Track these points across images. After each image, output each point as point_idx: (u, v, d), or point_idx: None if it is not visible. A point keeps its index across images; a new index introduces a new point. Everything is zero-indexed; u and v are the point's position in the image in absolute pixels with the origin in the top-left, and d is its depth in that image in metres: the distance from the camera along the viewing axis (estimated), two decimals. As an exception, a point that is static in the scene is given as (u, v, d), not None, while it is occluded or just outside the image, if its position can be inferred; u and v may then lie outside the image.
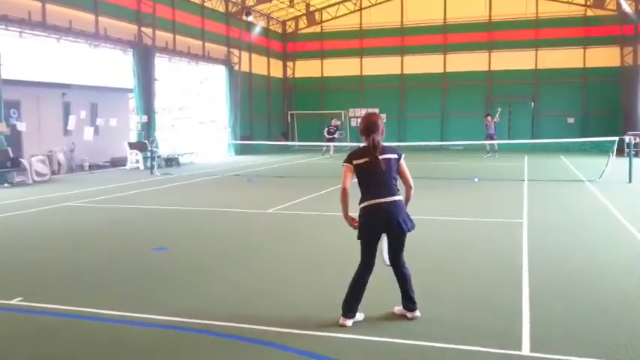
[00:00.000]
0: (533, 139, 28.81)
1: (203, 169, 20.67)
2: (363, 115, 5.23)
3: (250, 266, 7.07)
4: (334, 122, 27.21)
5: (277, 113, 34.49)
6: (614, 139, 16.65)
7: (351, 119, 33.58)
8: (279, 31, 34.59)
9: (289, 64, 35.27)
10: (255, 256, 7.60)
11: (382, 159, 4.90)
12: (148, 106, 22.45)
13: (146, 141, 21.77)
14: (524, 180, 15.94)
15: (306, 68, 34.83)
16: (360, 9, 33.44)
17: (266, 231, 9.43)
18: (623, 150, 18.44)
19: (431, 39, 32.07)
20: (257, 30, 31.13)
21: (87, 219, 10.61)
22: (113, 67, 22.38)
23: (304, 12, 33.65)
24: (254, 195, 14.01)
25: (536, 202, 11.91)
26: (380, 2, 32.97)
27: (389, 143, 5.19)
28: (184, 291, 6.03)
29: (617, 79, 29.32)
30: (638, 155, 21.44)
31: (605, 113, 29.52)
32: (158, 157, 20.60)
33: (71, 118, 19.11)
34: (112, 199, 13.05)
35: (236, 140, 27.82)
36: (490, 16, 31.22)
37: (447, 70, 32.15)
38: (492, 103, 31.17)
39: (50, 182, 16.71)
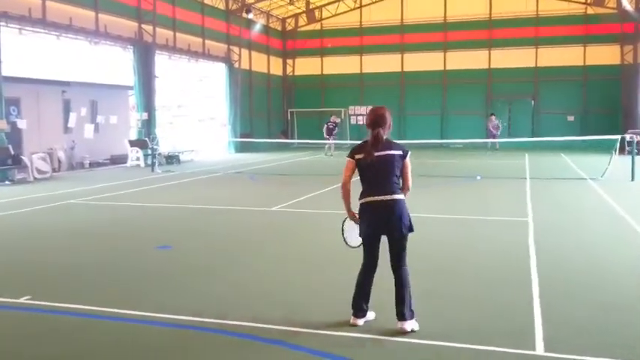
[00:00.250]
0: (534, 136, 28.82)
1: (204, 167, 20.62)
2: (370, 108, 4.88)
3: (259, 265, 7.04)
4: (334, 119, 27.04)
5: (277, 111, 34.43)
6: (617, 138, 16.66)
7: (351, 117, 33.59)
8: (279, 28, 34.50)
9: (289, 61, 35.21)
10: (263, 255, 7.56)
11: (382, 155, 4.67)
12: (148, 103, 22.39)
13: (146, 138, 21.72)
14: (526, 178, 15.92)
15: (305, 66, 34.76)
16: (360, 6, 33.36)
17: (273, 229, 9.39)
18: (623, 148, 18.48)
19: (431, 36, 32.02)
20: (257, 27, 31.05)
21: (90, 217, 10.56)
22: (113, 64, 22.30)
23: (304, 9, 33.57)
24: (257, 193, 13.98)
25: (540, 200, 11.89)
26: (380, -1, 32.96)
27: (394, 141, 4.94)
28: (192, 290, 5.99)
29: (618, 77, 29.31)
30: None
31: (605, 111, 29.54)
32: (159, 154, 20.53)
33: (72, 116, 19.02)
34: (115, 197, 12.99)
35: (236, 138, 27.75)
36: (490, 13, 31.17)
37: (447, 67, 32.10)
38: (492, 101, 31.24)
39: (51, 180, 16.66)
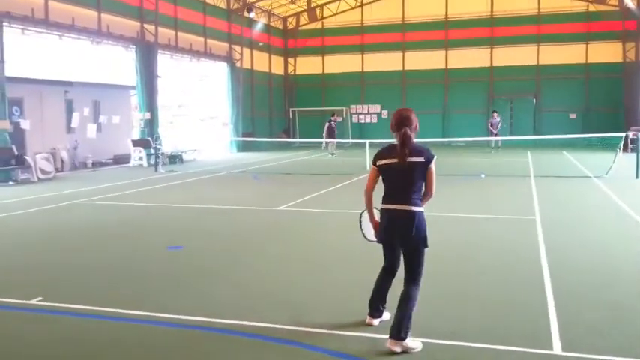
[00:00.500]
0: (535, 134, 28.79)
1: (207, 167, 20.60)
2: (396, 110, 4.65)
3: (270, 265, 7.02)
4: (336, 118, 26.93)
5: (279, 110, 34.41)
6: (621, 135, 16.64)
7: (353, 115, 33.56)
8: (280, 27, 34.47)
9: (290, 60, 35.18)
10: (273, 255, 7.54)
11: (400, 162, 4.43)
12: (150, 103, 22.37)
13: (149, 138, 21.70)
14: (530, 176, 15.92)
15: (307, 65, 34.73)
16: (361, 5, 33.33)
17: (280, 229, 9.37)
18: (626, 146, 18.46)
19: (432, 35, 31.99)
20: (258, 27, 31.02)
21: (96, 217, 10.54)
22: (116, 64, 22.29)
23: (305, 8, 33.53)
24: (262, 192, 13.95)
25: (546, 198, 11.88)
26: (381, -2, 32.91)
27: (395, 140, 4.64)
28: (204, 290, 5.98)
29: (620, 74, 29.29)
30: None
31: (607, 109, 29.51)
32: (162, 154, 20.52)
33: (74, 116, 19.00)
34: (119, 197, 12.98)
35: (238, 137, 27.73)
36: (492, 11, 31.14)
37: (448, 66, 32.07)
38: (494, 99, 31.21)
39: (55, 180, 16.63)
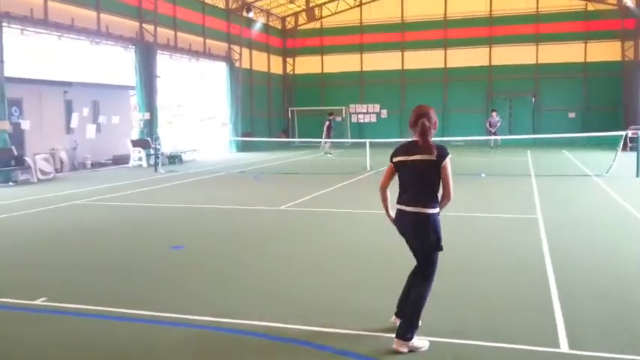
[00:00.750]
0: (534, 133, 28.81)
1: (207, 167, 20.58)
2: (415, 107, 4.50)
3: (270, 265, 7.01)
4: (334, 117, 26.86)
5: (278, 110, 34.38)
6: (622, 134, 16.65)
7: (352, 115, 33.56)
8: (279, 27, 34.45)
9: (289, 60, 35.17)
10: (274, 255, 7.53)
11: (416, 159, 4.31)
12: (149, 103, 22.33)
13: (149, 138, 21.67)
14: (530, 175, 15.92)
15: (306, 64, 34.71)
16: (360, 4, 33.31)
17: (281, 229, 9.35)
18: (625, 145, 18.48)
19: (431, 34, 31.97)
20: (257, 26, 31.00)
21: (97, 218, 10.52)
22: (115, 64, 22.25)
23: (304, 8, 33.50)
24: (264, 192, 13.92)
25: (547, 197, 11.89)
26: (380, -3, 32.90)
27: (395, 139, 4.71)
28: (205, 290, 5.97)
29: (618, 73, 29.32)
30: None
31: (606, 108, 29.53)
32: (161, 154, 20.50)
33: (74, 116, 18.97)
34: (120, 197, 12.96)
35: (237, 137, 27.71)
36: (491, 10, 31.15)
37: (447, 65, 32.07)
38: (493, 99, 31.22)
39: (54, 181, 16.60)
